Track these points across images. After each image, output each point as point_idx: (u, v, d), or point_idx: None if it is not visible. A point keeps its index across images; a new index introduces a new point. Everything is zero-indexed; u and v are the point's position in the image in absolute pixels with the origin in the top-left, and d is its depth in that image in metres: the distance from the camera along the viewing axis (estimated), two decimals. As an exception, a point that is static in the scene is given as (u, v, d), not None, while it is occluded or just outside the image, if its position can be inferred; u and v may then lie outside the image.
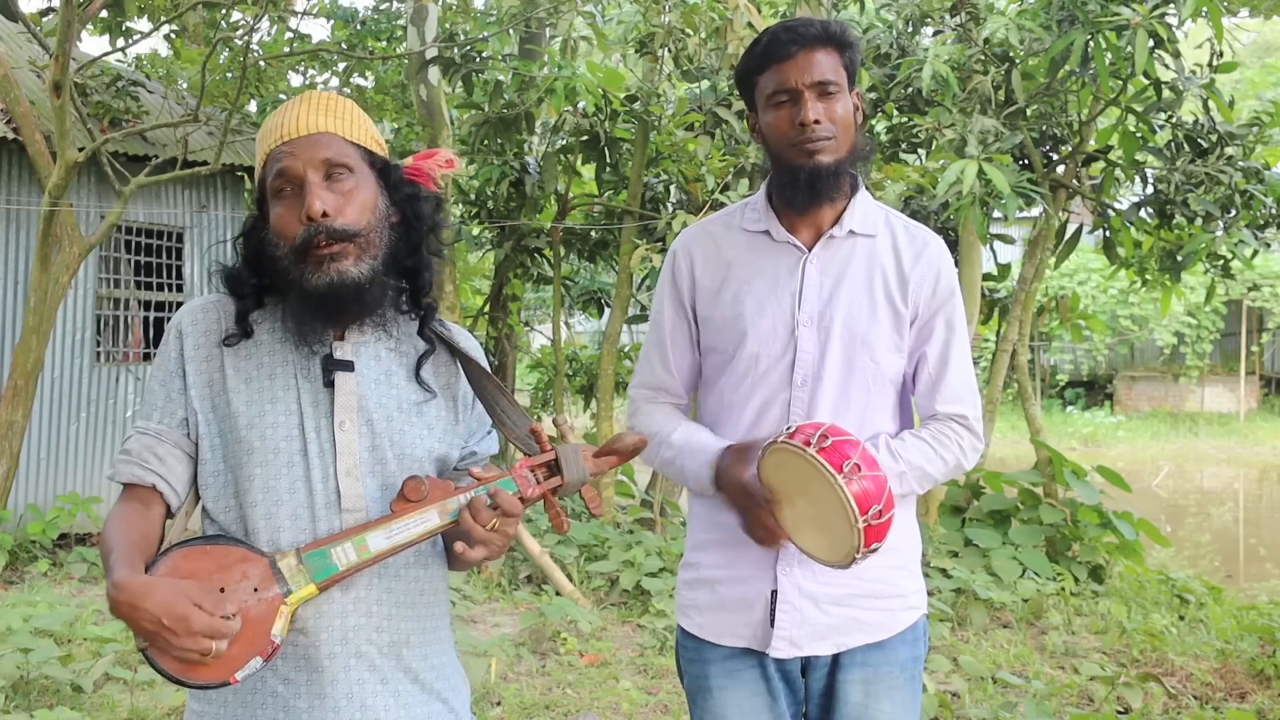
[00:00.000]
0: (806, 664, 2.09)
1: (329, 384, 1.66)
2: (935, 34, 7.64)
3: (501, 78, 8.39)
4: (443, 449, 1.72)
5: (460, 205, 10.17)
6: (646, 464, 2.11)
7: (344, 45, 10.66)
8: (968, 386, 2.12)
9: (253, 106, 10.16)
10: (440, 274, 1.79)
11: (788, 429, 1.91)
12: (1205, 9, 5.98)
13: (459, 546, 1.59)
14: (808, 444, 1.84)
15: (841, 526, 1.83)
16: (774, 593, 2.05)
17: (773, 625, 2.04)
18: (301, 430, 1.64)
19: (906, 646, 2.11)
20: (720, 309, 2.11)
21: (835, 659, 2.07)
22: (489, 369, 1.79)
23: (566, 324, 12.65)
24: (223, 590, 1.52)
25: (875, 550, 1.85)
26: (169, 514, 1.67)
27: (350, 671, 1.63)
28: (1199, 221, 7.13)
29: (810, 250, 2.09)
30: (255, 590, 1.54)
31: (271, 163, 1.65)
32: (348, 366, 1.67)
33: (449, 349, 1.77)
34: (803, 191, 2.05)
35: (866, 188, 2.14)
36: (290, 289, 1.63)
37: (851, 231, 2.09)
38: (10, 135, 7.71)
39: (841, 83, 2.03)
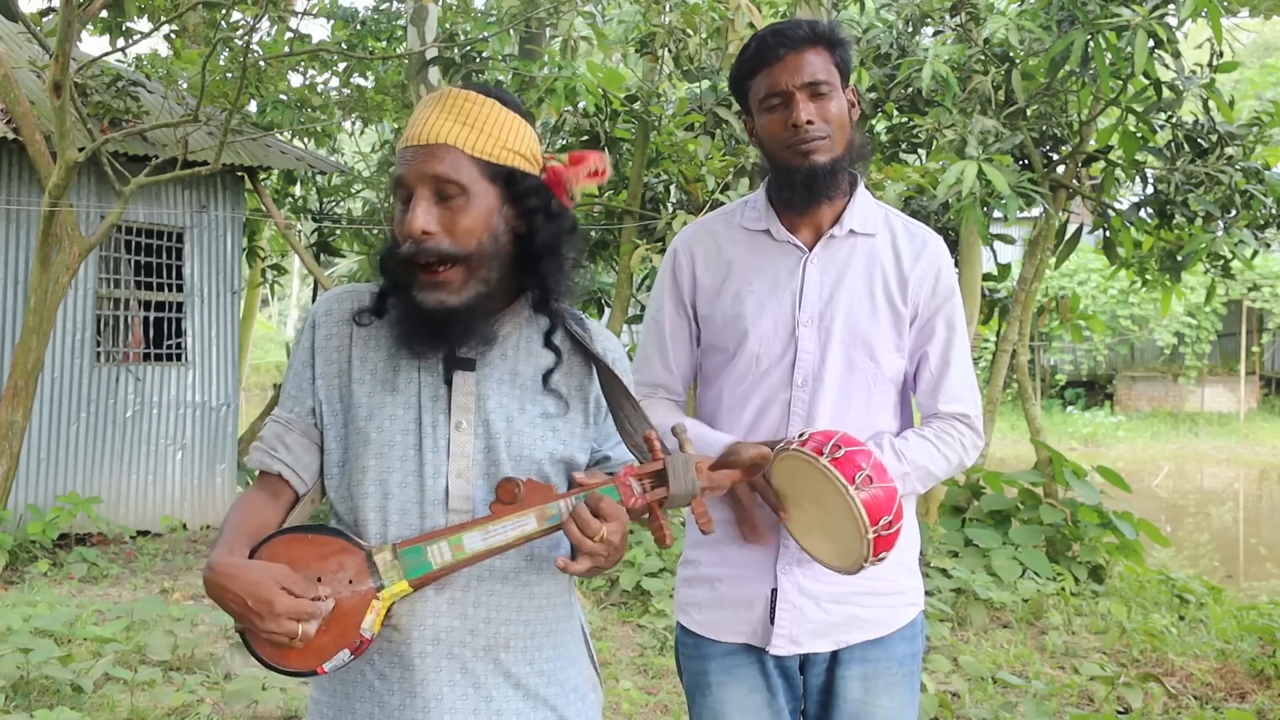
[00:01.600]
0: (805, 660, 2.10)
1: (449, 381, 1.64)
2: (935, 34, 7.64)
3: (501, 78, 8.40)
4: (567, 452, 1.68)
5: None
6: None
7: (344, 45, 10.66)
8: (969, 385, 2.13)
9: (253, 106, 10.17)
10: (578, 281, 1.74)
11: (800, 436, 1.90)
12: (1205, 9, 5.98)
13: (560, 560, 1.56)
14: (820, 453, 1.83)
15: (851, 536, 1.83)
16: (774, 591, 2.05)
17: (773, 623, 2.05)
18: (419, 426, 1.63)
19: (905, 643, 2.11)
20: (721, 308, 2.11)
21: (834, 655, 2.08)
22: (626, 373, 1.75)
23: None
24: (319, 579, 1.53)
25: (882, 559, 1.86)
26: (296, 501, 1.68)
27: (441, 672, 1.61)
28: (1199, 221, 7.13)
29: (811, 250, 2.09)
30: (350, 582, 1.54)
31: (396, 163, 1.64)
32: (469, 365, 1.65)
33: (583, 350, 1.72)
34: (800, 192, 2.05)
35: (866, 186, 2.15)
36: (403, 294, 1.62)
37: (851, 231, 2.09)
38: (10, 135, 7.71)
39: (834, 82, 2.03)
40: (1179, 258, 7.43)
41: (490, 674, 1.63)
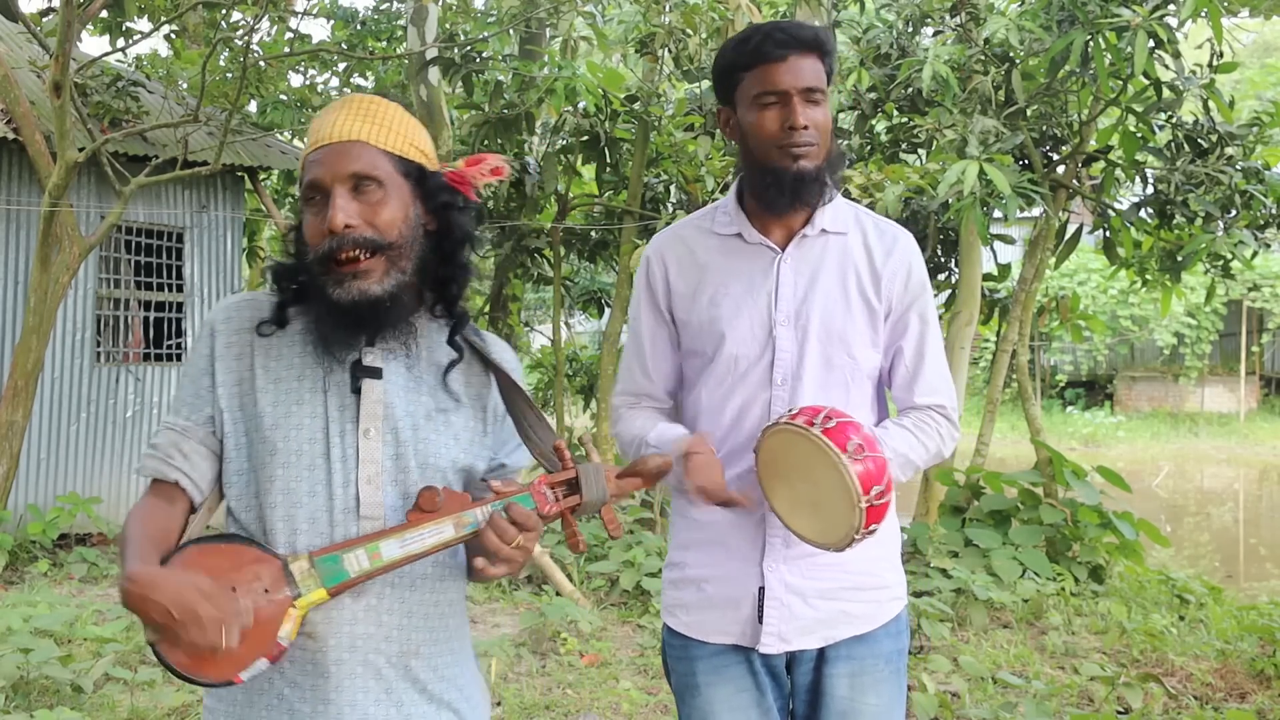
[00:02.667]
0: (792, 659, 2.11)
1: (356, 390, 1.65)
2: (935, 34, 7.64)
3: (501, 78, 8.40)
4: (468, 459, 1.71)
5: (460, 205, 10.15)
6: None
7: (344, 45, 10.66)
8: (943, 378, 2.16)
9: (253, 106, 10.17)
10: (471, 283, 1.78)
11: (790, 411, 1.93)
12: (1205, 9, 5.98)
13: (479, 562, 1.58)
14: (811, 424, 1.86)
15: (843, 507, 1.85)
16: (761, 589, 2.07)
17: (761, 622, 2.07)
18: (326, 434, 1.64)
19: (890, 639, 2.13)
20: (697, 313, 2.12)
21: (821, 653, 2.10)
22: (523, 379, 1.77)
23: (566, 324, 12.66)
24: (234, 589, 1.52)
25: (873, 532, 1.89)
26: (193, 510, 1.68)
27: (356, 679, 1.62)
28: (1199, 222, 7.13)
29: (784, 251, 2.11)
30: (266, 591, 1.54)
31: (306, 169, 1.65)
32: (376, 374, 1.66)
33: (482, 359, 1.75)
34: (786, 195, 2.06)
35: (835, 187, 2.16)
36: (317, 297, 1.63)
37: (823, 230, 2.11)
38: (10, 135, 7.71)
39: (825, 90, 2.06)
40: (1179, 258, 7.43)
41: (400, 680, 1.65)
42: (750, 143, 2.07)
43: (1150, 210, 7.41)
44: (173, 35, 11.29)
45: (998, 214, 6.43)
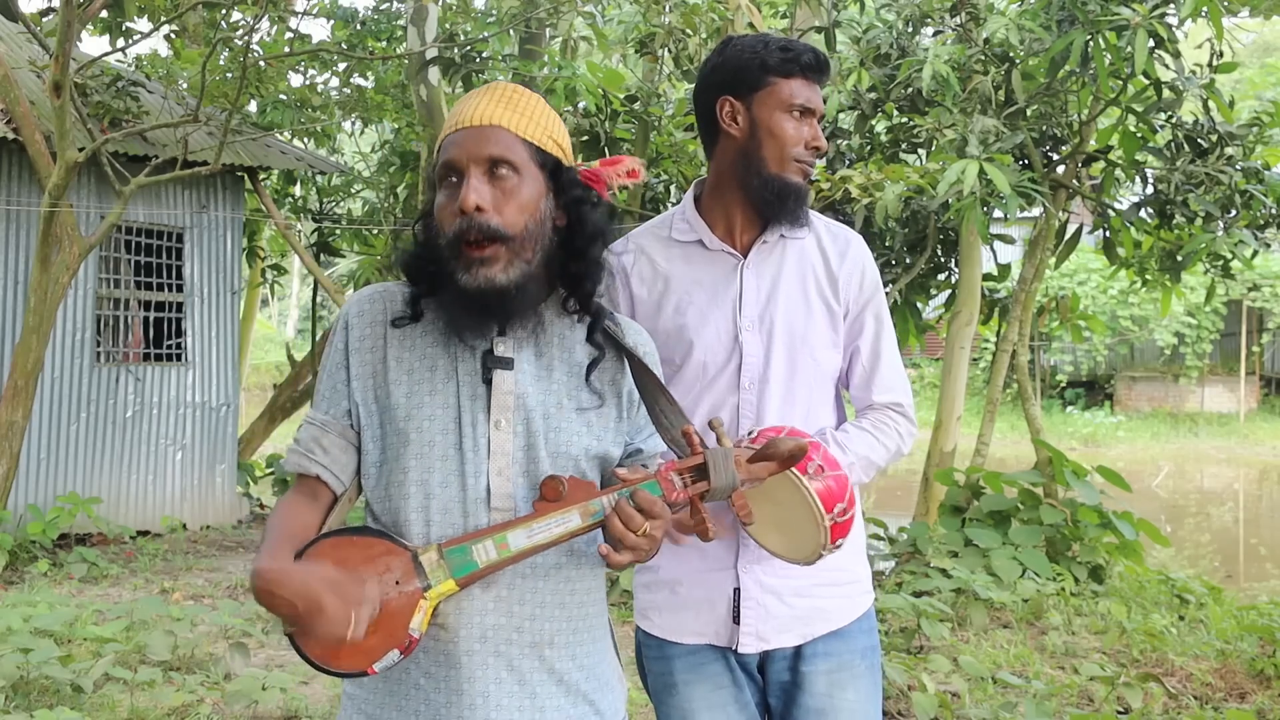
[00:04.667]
0: (766, 656, 2.13)
1: (487, 381, 1.65)
2: (935, 34, 7.64)
3: (502, 78, 8.40)
4: (602, 447, 1.70)
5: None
6: None
7: (344, 45, 10.66)
8: (899, 376, 2.21)
9: (253, 106, 10.16)
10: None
11: (750, 434, 1.96)
12: (1205, 9, 5.98)
13: (604, 549, 1.57)
14: None
15: (807, 526, 1.89)
16: (736, 590, 2.09)
17: (737, 622, 2.08)
18: (458, 425, 1.64)
19: (864, 634, 2.16)
20: (663, 321, 2.14)
21: (797, 651, 2.11)
22: (658, 363, 1.77)
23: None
24: (365, 581, 1.53)
25: (839, 546, 1.92)
26: (334, 502, 1.69)
27: (488, 670, 1.62)
28: (1199, 221, 7.13)
29: (745, 256, 2.13)
30: (397, 583, 1.55)
31: (442, 150, 1.65)
32: (507, 364, 1.66)
33: (615, 345, 1.74)
34: (787, 207, 2.09)
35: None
36: (446, 282, 1.63)
37: (781, 235, 2.14)
38: (10, 135, 7.71)
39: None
40: (1179, 258, 7.43)
41: (535, 670, 1.64)
42: (764, 147, 2.08)
43: (1150, 210, 7.41)
44: (173, 35, 11.28)
45: (998, 214, 6.43)
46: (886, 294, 2.31)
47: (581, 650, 1.69)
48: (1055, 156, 7.93)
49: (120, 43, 9.12)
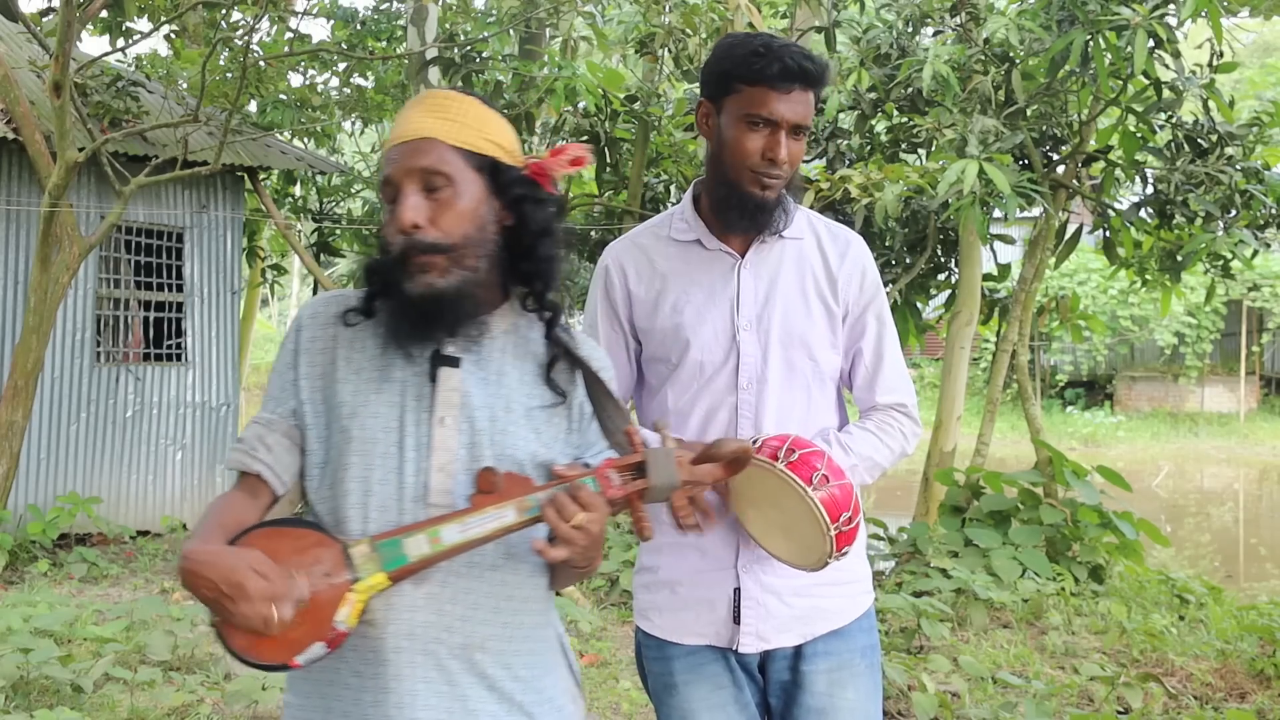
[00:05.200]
0: (766, 656, 2.13)
1: (433, 378, 1.66)
2: (935, 34, 7.64)
3: (501, 78, 8.40)
4: (549, 455, 1.69)
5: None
6: None
7: (344, 45, 10.66)
8: (902, 376, 2.20)
9: (253, 106, 10.17)
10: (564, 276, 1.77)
11: (755, 442, 1.94)
12: (1205, 9, 5.98)
13: (538, 543, 1.56)
14: (775, 458, 1.89)
15: (813, 535, 1.90)
16: (737, 590, 2.08)
17: (738, 622, 2.08)
18: (401, 422, 1.64)
19: (864, 633, 2.16)
20: (660, 320, 2.14)
21: (798, 650, 2.11)
22: (612, 377, 1.77)
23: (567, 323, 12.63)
24: (294, 571, 1.51)
25: (845, 554, 1.93)
26: (274, 502, 1.69)
27: (415, 668, 1.60)
28: (1199, 221, 7.13)
29: (743, 256, 2.13)
30: (326, 575, 1.53)
31: (384, 167, 1.67)
32: (453, 362, 1.66)
33: (570, 356, 1.74)
34: (745, 219, 2.09)
35: (798, 190, 2.19)
36: (394, 291, 1.64)
37: (780, 236, 2.14)
38: (10, 135, 7.71)
39: (810, 126, 2.07)
40: (1179, 258, 7.43)
41: (464, 674, 1.62)
42: (724, 155, 2.07)
43: (1150, 210, 7.41)
44: (173, 35, 11.29)
45: (998, 214, 6.43)
46: (886, 294, 2.29)
47: (519, 660, 1.67)
48: (1055, 156, 7.93)
49: (120, 43, 9.12)
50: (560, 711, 1.72)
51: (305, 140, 11.46)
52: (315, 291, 13.34)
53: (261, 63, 9.20)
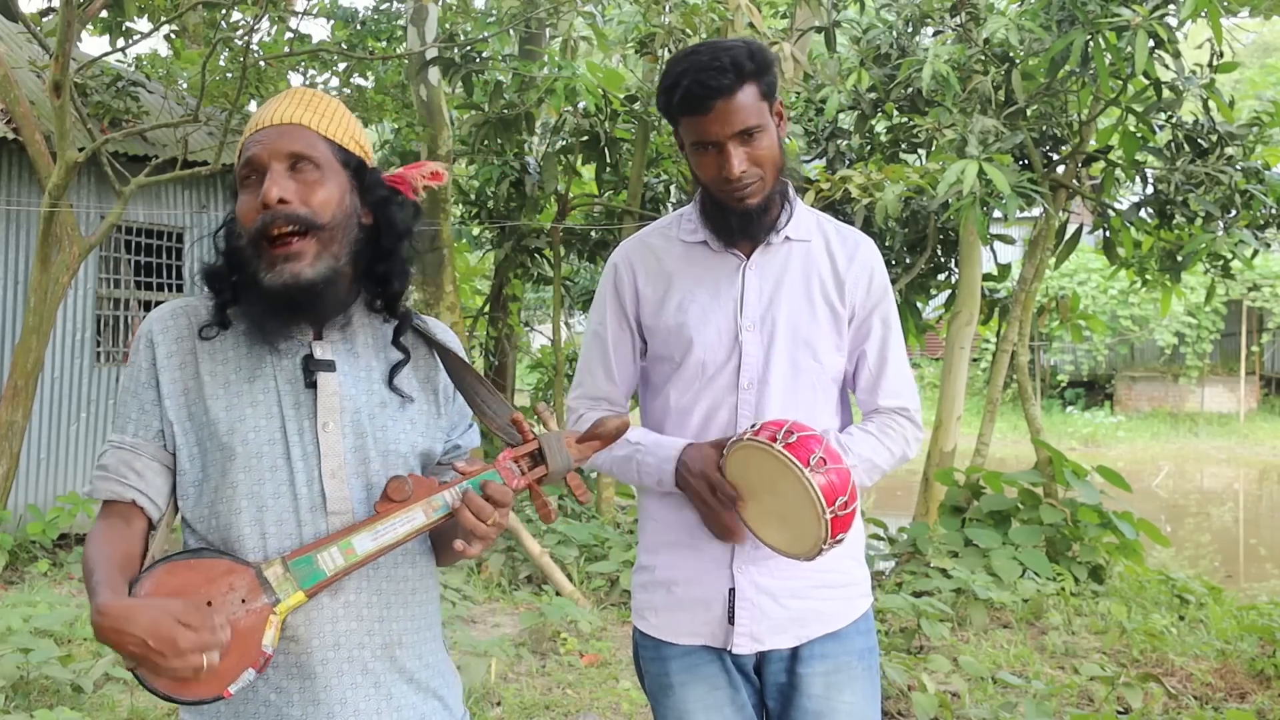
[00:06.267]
0: (762, 658, 2.13)
1: (311, 385, 1.63)
2: (935, 34, 7.64)
3: (501, 78, 8.40)
4: (426, 444, 1.70)
5: (460, 205, 10.17)
6: (592, 465, 2.10)
7: (344, 45, 10.66)
8: (906, 380, 2.20)
9: (253, 106, 10.16)
10: (413, 281, 1.76)
11: (752, 426, 1.97)
12: (1205, 9, 5.98)
13: (459, 544, 1.59)
14: (774, 440, 1.90)
15: (808, 519, 1.89)
16: (731, 591, 2.09)
17: (732, 622, 2.08)
18: (284, 433, 1.61)
19: (861, 636, 2.16)
20: (664, 319, 2.15)
21: (794, 652, 2.11)
22: (467, 359, 1.77)
23: (566, 324, 12.66)
24: (210, 604, 1.49)
25: (840, 541, 1.92)
26: (151, 528, 1.64)
27: (343, 676, 1.61)
28: (1199, 221, 7.13)
29: (748, 258, 2.13)
30: (243, 601, 1.51)
31: (242, 152, 1.63)
32: (329, 366, 1.64)
33: (426, 343, 1.74)
34: (734, 231, 2.10)
35: (797, 190, 2.18)
36: (250, 285, 1.60)
37: (787, 238, 2.14)
38: (10, 135, 7.71)
39: (764, 118, 2.01)
40: (1179, 258, 7.42)
41: (387, 671, 1.64)
42: (699, 178, 2.10)
43: (1150, 210, 7.41)
44: (173, 35, 11.28)
45: (998, 214, 6.43)
46: (889, 296, 2.29)
47: (426, 648, 1.70)
48: (1055, 156, 7.93)
49: (120, 43, 9.10)
50: (453, 686, 1.76)
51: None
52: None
53: (261, 63, 9.19)
